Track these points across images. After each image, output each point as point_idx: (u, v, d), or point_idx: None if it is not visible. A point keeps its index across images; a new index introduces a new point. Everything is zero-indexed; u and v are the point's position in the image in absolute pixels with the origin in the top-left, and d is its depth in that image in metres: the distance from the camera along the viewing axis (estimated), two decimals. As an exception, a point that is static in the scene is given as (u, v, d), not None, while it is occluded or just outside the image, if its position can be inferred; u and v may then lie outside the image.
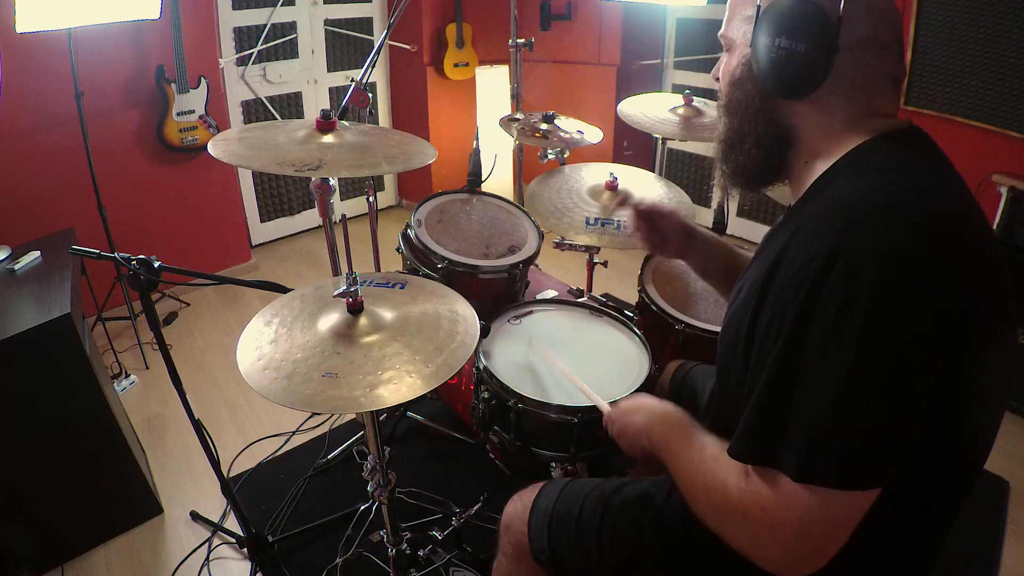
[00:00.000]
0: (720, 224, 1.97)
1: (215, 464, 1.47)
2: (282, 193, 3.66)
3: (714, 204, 2.12)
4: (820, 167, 0.77)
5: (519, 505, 1.09)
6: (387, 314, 1.12)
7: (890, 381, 0.60)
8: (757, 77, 0.77)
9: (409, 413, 2.18)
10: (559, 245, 1.79)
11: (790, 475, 0.63)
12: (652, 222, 1.15)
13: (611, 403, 1.12)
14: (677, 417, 0.89)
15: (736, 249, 1.18)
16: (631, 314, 1.65)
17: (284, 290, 1.26)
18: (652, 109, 2.09)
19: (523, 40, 2.38)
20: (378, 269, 2.24)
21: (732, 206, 3.62)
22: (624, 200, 1.28)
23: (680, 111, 2.06)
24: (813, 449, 0.62)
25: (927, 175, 0.70)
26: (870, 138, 0.73)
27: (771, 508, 0.66)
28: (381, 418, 2.14)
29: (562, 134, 2.10)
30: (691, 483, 0.78)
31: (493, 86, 3.72)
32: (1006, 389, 0.76)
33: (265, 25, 3.26)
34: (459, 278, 1.62)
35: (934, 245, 0.62)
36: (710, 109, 2.10)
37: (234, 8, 3.15)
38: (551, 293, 2.07)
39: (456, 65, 3.73)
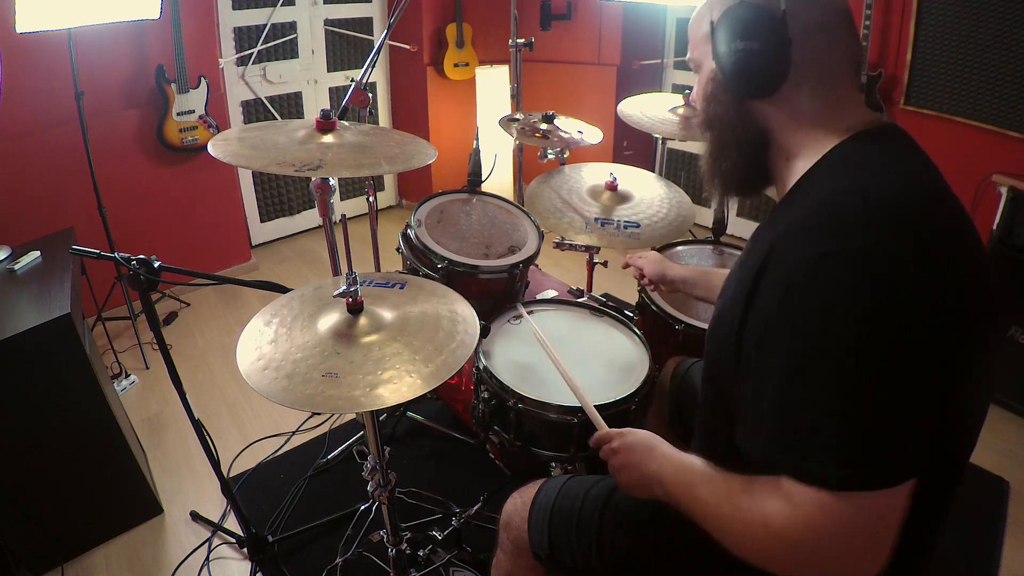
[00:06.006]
0: (720, 224, 1.97)
1: (215, 464, 1.47)
2: (282, 193, 3.66)
3: (714, 204, 2.12)
4: (800, 167, 0.79)
5: (519, 502, 1.10)
6: (387, 314, 1.12)
7: (902, 373, 0.62)
8: (727, 86, 0.81)
9: (409, 413, 2.18)
10: (559, 245, 1.79)
11: (831, 487, 0.62)
12: (639, 274, 1.44)
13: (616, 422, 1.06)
14: (698, 465, 0.82)
15: (719, 273, 1.27)
16: (631, 314, 1.65)
17: (284, 290, 1.26)
18: (652, 109, 2.09)
19: (523, 40, 2.38)
20: (378, 269, 2.23)
21: (732, 206, 3.62)
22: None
23: (680, 111, 2.06)
24: (847, 456, 0.62)
25: (907, 173, 0.71)
26: (847, 137, 0.75)
27: (820, 526, 0.63)
28: (381, 418, 2.14)
29: (562, 134, 2.10)
30: (728, 527, 0.73)
31: (493, 86, 3.72)
32: (991, 381, 0.77)
33: (265, 25, 3.26)
34: (459, 278, 1.62)
35: (919, 242, 0.64)
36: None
37: (234, 8, 3.15)
38: (551, 293, 2.07)
39: (456, 65, 3.73)
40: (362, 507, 1.81)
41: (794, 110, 0.78)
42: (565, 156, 2.12)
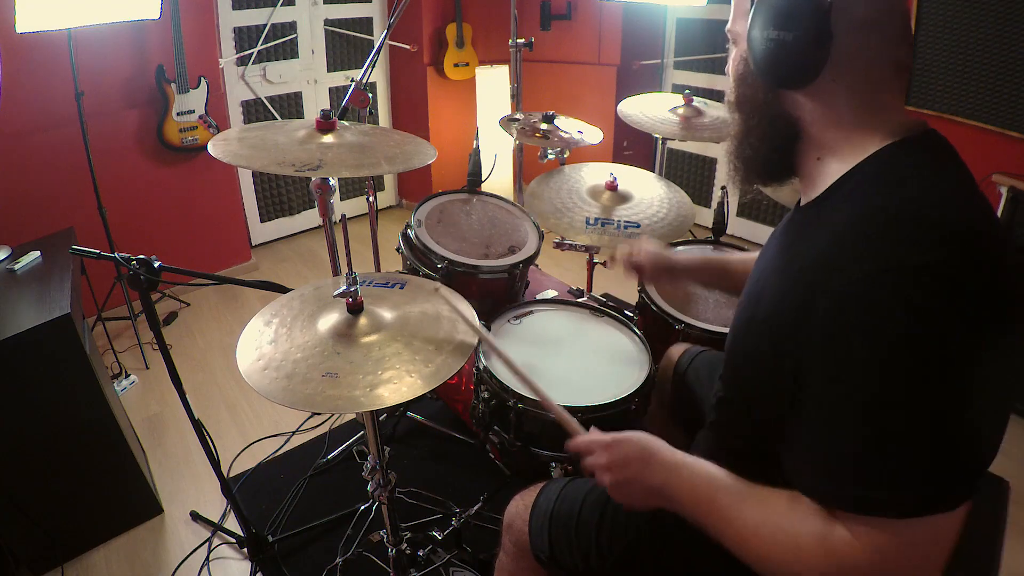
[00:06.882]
0: (720, 224, 1.96)
1: (215, 464, 1.47)
2: (282, 193, 3.66)
3: (714, 204, 2.12)
4: (836, 166, 0.75)
5: (520, 504, 1.11)
6: (387, 314, 1.12)
7: (958, 396, 0.60)
8: (755, 71, 0.76)
9: (409, 413, 2.18)
10: (559, 245, 1.79)
11: (891, 515, 0.61)
12: (638, 271, 1.30)
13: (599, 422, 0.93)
14: (719, 476, 0.77)
15: (728, 259, 1.22)
16: (631, 314, 1.65)
17: (284, 290, 1.26)
18: (652, 109, 2.09)
19: (523, 40, 2.38)
20: (378, 269, 2.24)
21: (732, 206, 3.62)
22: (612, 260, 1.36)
23: (680, 111, 2.06)
24: (923, 479, 0.60)
25: (958, 184, 0.69)
26: (891, 142, 0.71)
27: (878, 555, 0.62)
28: (381, 418, 2.14)
29: (562, 134, 2.10)
30: (767, 551, 0.70)
31: (493, 86, 3.72)
32: (1013, 391, 0.76)
33: (265, 25, 3.26)
34: (459, 278, 1.62)
35: (979, 262, 0.61)
36: (710, 109, 2.10)
37: (234, 8, 3.15)
38: (551, 293, 2.07)
39: (456, 65, 3.73)
40: (362, 507, 1.82)
41: (830, 104, 0.74)
42: (565, 156, 2.12)
